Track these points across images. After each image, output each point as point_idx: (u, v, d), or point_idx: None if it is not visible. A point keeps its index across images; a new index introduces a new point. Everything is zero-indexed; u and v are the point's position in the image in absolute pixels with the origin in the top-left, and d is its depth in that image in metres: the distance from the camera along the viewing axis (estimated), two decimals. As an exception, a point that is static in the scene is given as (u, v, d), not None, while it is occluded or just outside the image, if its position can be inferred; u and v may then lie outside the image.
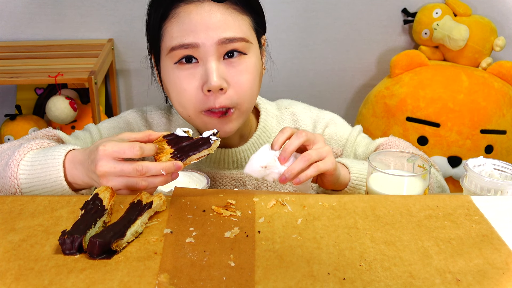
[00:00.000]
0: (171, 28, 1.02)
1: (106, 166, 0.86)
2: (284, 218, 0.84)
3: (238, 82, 1.02)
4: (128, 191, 0.89)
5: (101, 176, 0.87)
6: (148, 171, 0.86)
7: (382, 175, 0.96)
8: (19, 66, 2.17)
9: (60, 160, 0.94)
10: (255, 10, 1.07)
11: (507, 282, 0.71)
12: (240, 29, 1.02)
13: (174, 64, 1.02)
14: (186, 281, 0.69)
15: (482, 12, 2.46)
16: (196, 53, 1.01)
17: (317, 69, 2.59)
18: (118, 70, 2.52)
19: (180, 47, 1.00)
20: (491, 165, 1.02)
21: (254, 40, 1.06)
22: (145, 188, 0.87)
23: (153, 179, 0.87)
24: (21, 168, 0.95)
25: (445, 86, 2.20)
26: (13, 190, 0.95)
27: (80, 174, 0.93)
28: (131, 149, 0.86)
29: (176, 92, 1.03)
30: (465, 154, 2.19)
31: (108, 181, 0.87)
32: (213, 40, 0.99)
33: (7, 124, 2.33)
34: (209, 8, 1.00)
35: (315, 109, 1.25)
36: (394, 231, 0.81)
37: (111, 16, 2.43)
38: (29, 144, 0.98)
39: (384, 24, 2.53)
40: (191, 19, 1.00)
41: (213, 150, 0.90)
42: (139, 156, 0.87)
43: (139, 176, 0.86)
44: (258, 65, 1.06)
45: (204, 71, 1.01)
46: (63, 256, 0.74)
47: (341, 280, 0.70)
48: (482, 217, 0.85)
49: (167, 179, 0.88)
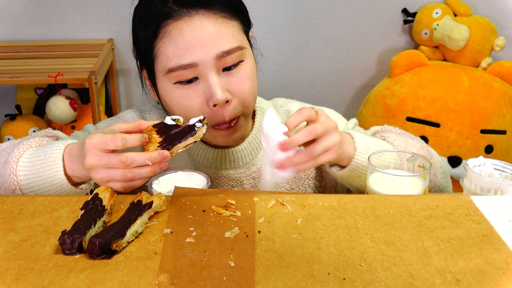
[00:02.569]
0: (165, 48, 0.99)
1: (93, 159, 0.86)
2: (284, 218, 0.84)
3: (240, 91, 1.02)
4: (120, 184, 0.88)
5: (89, 168, 0.87)
6: (133, 161, 0.86)
7: (382, 175, 0.96)
8: (19, 66, 2.17)
9: (59, 155, 0.94)
10: (241, 11, 1.06)
11: (507, 282, 0.71)
12: (233, 38, 1.01)
13: (174, 84, 1.01)
14: (186, 281, 0.69)
15: (482, 12, 2.46)
16: (196, 72, 0.99)
17: (317, 69, 2.59)
18: (118, 70, 2.52)
19: (179, 68, 0.99)
20: (491, 165, 1.02)
21: (247, 43, 1.06)
22: (133, 179, 0.87)
23: (140, 170, 0.86)
24: (20, 165, 0.95)
25: (445, 86, 2.20)
26: (13, 187, 0.95)
27: (77, 166, 0.93)
28: (113, 140, 0.86)
29: (181, 110, 1.02)
30: (465, 154, 2.19)
31: (97, 173, 0.87)
32: (211, 56, 0.98)
33: (7, 124, 2.33)
34: (199, 22, 0.99)
35: (309, 106, 1.26)
36: (394, 231, 0.81)
37: (111, 16, 2.43)
38: (28, 141, 0.99)
39: (384, 24, 2.53)
40: (184, 37, 0.98)
41: (199, 138, 0.90)
42: (121, 147, 0.86)
43: (125, 168, 0.86)
44: (254, 67, 1.07)
45: (206, 86, 1.00)
46: (63, 256, 0.74)
47: (341, 280, 0.70)
48: (482, 217, 0.85)
49: (155, 169, 0.87)
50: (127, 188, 0.89)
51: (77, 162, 0.93)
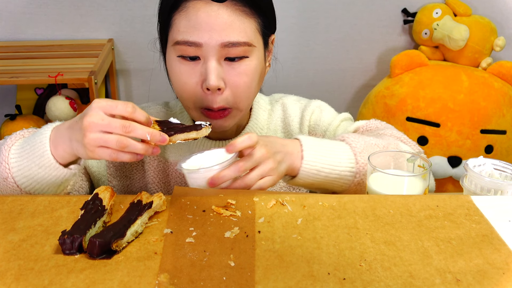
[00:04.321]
0: (179, 21, 1.03)
1: (95, 117, 0.85)
2: (284, 218, 0.84)
3: (235, 84, 1.04)
4: (108, 152, 0.86)
5: (86, 127, 0.85)
6: (133, 130, 0.85)
7: (382, 175, 0.96)
8: (19, 66, 2.17)
9: (46, 135, 0.94)
10: (263, 12, 1.07)
11: (507, 282, 0.71)
12: (244, 32, 1.03)
13: (177, 56, 1.05)
14: (186, 281, 0.69)
15: (482, 12, 2.46)
16: (199, 52, 1.03)
17: (317, 69, 2.59)
18: (118, 70, 2.52)
19: (184, 43, 1.02)
20: (491, 165, 1.02)
21: (259, 43, 1.07)
22: (125, 148, 0.85)
23: (135, 143, 0.86)
24: (11, 152, 0.95)
25: (445, 86, 2.20)
26: (5, 175, 0.95)
27: (63, 141, 0.91)
28: (124, 104, 0.86)
29: (178, 83, 1.07)
30: (465, 154, 2.19)
31: (91, 132, 0.85)
32: (216, 42, 1.01)
33: (7, 124, 2.32)
34: (217, 8, 1.02)
35: (304, 99, 1.28)
36: (394, 231, 0.81)
37: (111, 16, 2.43)
38: (21, 132, 1.00)
39: (384, 24, 2.53)
40: (198, 17, 1.01)
41: (201, 135, 0.90)
42: (129, 115, 0.86)
43: (124, 134, 0.85)
44: (259, 67, 1.08)
45: (204, 69, 1.03)
46: (63, 256, 0.74)
47: (341, 280, 0.70)
48: (482, 217, 0.85)
49: (147, 149, 0.87)
50: (112, 157, 0.87)
51: (65, 135, 0.91)
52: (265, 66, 1.13)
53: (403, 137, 1.13)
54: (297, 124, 1.22)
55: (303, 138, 1.04)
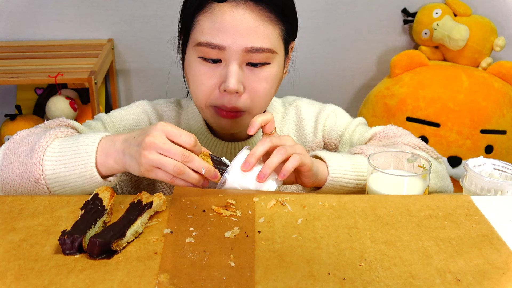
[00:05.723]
0: (203, 22, 1.03)
1: (157, 139, 0.86)
2: (284, 218, 0.84)
3: (254, 89, 1.04)
4: (163, 174, 0.88)
5: (146, 146, 0.86)
6: (191, 160, 0.87)
7: (382, 175, 0.96)
8: (19, 66, 2.17)
9: (93, 147, 0.93)
10: (287, 18, 1.07)
11: (507, 282, 0.71)
12: (268, 39, 1.03)
13: (198, 57, 1.04)
14: (186, 281, 0.69)
15: (482, 12, 2.46)
16: (221, 55, 1.02)
17: (317, 69, 2.59)
18: (118, 70, 2.52)
19: (207, 45, 1.02)
20: (491, 165, 1.02)
21: (281, 50, 1.07)
22: (180, 174, 0.87)
23: (190, 172, 0.87)
24: (47, 155, 0.93)
25: (445, 86, 2.20)
26: (37, 176, 0.93)
27: (116, 153, 0.92)
28: (188, 135, 0.88)
29: (195, 83, 1.06)
30: (465, 154, 2.19)
31: (150, 153, 0.86)
32: (240, 46, 1.01)
33: (7, 124, 2.33)
34: (243, 12, 1.01)
35: (318, 103, 1.27)
36: (394, 231, 0.81)
37: (111, 16, 2.43)
38: (54, 131, 0.97)
39: (384, 24, 2.53)
40: (223, 20, 1.01)
41: None
42: (190, 147, 0.88)
43: (183, 162, 0.86)
44: (279, 74, 1.08)
45: (225, 72, 1.03)
46: (63, 256, 0.74)
47: (341, 280, 0.70)
48: (482, 217, 0.85)
49: (199, 181, 0.89)
50: (169, 180, 0.88)
51: (118, 147, 0.92)
52: (283, 73, 1.13)
53: (420, 144, 1.13)
54: (311, 128, 1.22)
55: (323, 154, 1.04)
